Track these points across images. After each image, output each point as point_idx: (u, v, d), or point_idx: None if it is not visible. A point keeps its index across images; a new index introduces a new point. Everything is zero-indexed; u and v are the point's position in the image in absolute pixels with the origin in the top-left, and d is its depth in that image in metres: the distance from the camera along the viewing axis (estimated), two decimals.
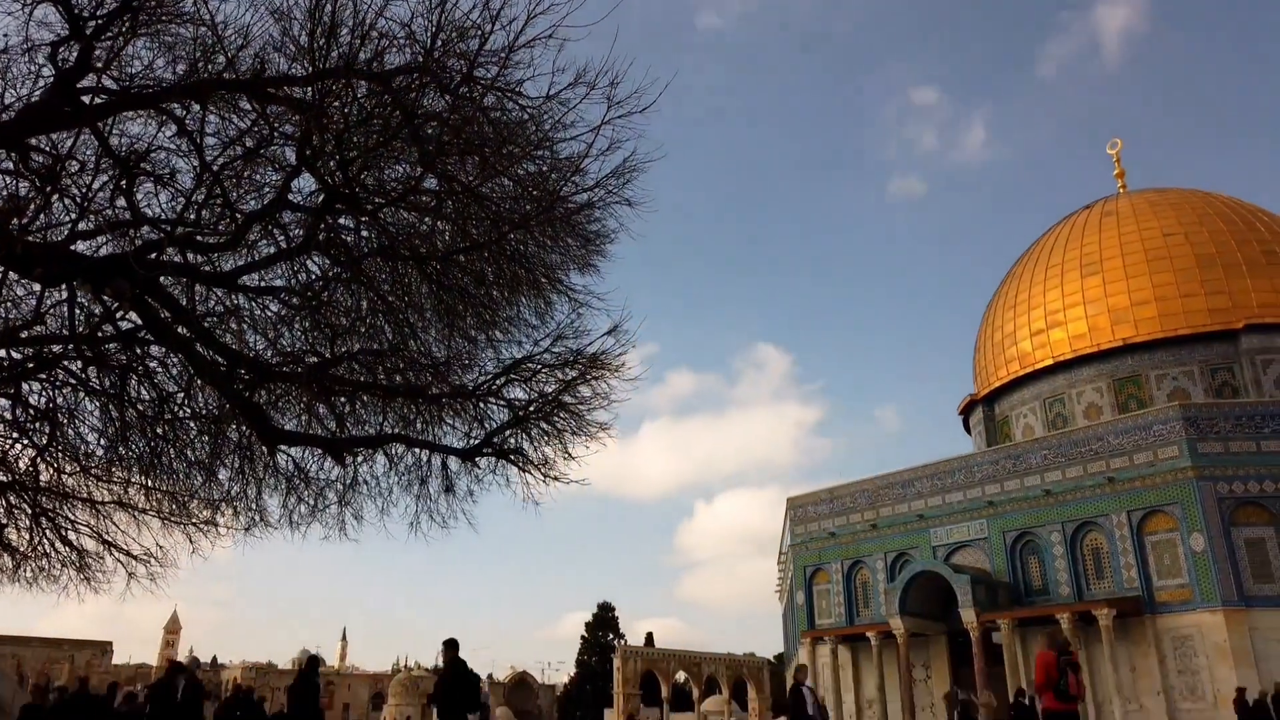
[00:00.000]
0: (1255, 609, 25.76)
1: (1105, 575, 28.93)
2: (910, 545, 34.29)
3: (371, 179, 7.91)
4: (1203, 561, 26.47)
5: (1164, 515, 27.80)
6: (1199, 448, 27.45)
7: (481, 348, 9.75)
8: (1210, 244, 36.83)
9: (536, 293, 9.31)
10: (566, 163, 7.97)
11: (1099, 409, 36.98)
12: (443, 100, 7.23)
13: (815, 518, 38.38)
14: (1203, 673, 25.91)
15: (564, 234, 8.80)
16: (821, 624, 37.12)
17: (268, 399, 9.42)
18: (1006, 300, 42.55)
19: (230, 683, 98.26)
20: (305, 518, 10.39)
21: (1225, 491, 26.93)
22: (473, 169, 7.68)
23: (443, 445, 9.96)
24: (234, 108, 7.79)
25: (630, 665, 59.85)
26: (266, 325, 9.08)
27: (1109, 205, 41.45)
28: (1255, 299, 35.43)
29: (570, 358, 9.53)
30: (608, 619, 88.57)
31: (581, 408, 9.82)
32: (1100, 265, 38.37)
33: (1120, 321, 36.97)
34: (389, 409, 9.77)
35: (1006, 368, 41.26)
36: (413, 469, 10.22)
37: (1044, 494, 30.66)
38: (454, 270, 8.56)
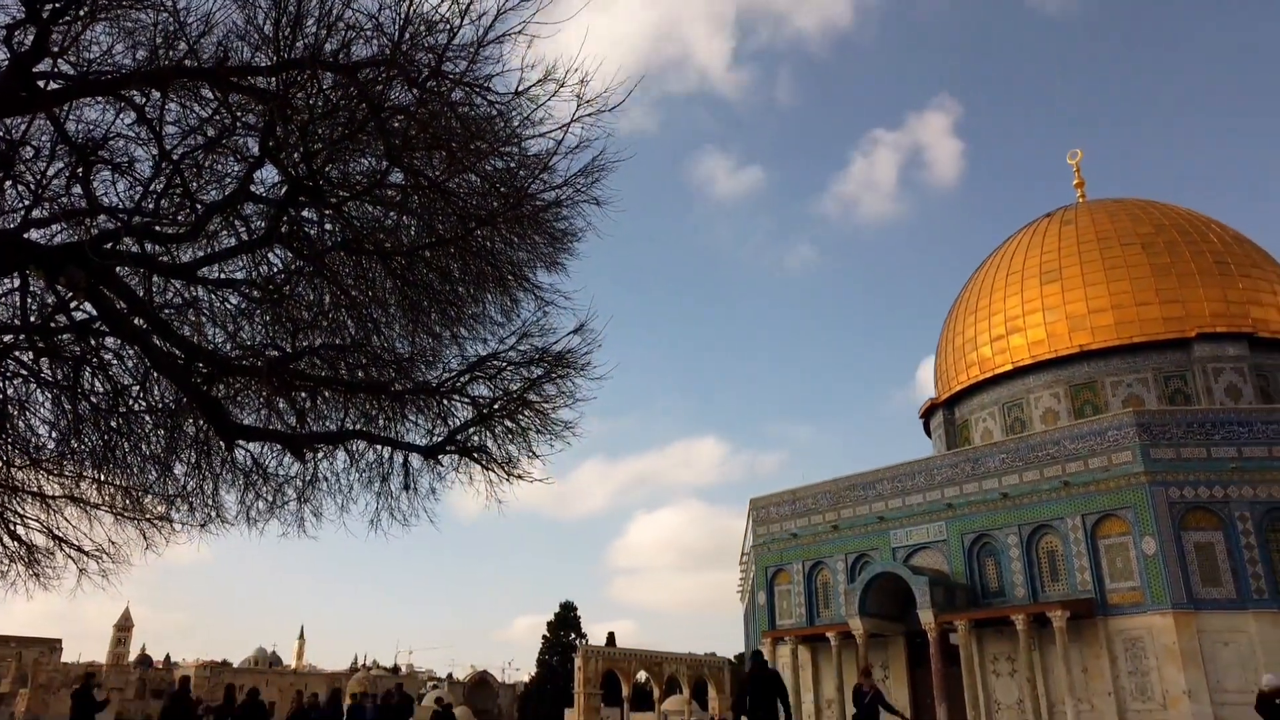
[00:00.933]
0: (1204, 611, 26.38)
1: (1060, 577, 29.46)
2: (871, 546, 34.64)
3: (336, 172, 7.82)
4: (1154, 564, 27.06)
5: (1117, 519, 28.37)
6: (1151, 453, 28.05)
7: (446, 344, 9.68)
8: (1165, 254, 37.66)
9: (502, 290, 9.26)
10: (535, 160, 7.94)
11: (1056, 414, 37.64)
12: (410, 94, 7.16)
13: (777, 519, 38.62)
14: (1152, 673, 26.48)
15: (531, 231, 8.76)
16: (782, 624, 37.37)
17: (226, 393, 9.28)
18: (968, 306, 43.15)
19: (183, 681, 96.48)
20: (263, 514, 10.24)
21: (1176, 496, 27.55)
22: (440, 164, 7.63)
23: (405, 442, 9.88)
24: (195, 96, 7.65)
25: (592, 665, 59.84)
26: (226, 318, 8.94)
27: (1068, 214, 42.20)
28: (1207, 309, 36.30)
29: (536, 356, 9.50)
30: (570, 619, 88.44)
31: (546, 406, 9.79)
32: (1059, 273, 39.06)
33: (1078, 329, 37.67)
34: (351, 405, 9.67)
35: (967, 372, 41.84)
36: (374, 466, 10.12)
37: (1001, 497, 31.15)
38: (419, 266, 8.50)
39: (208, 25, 7.00)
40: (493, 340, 9.62)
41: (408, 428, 10.04)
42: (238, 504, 10.22)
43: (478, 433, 9.85)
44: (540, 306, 9.28)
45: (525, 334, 9.39)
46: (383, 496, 10.16)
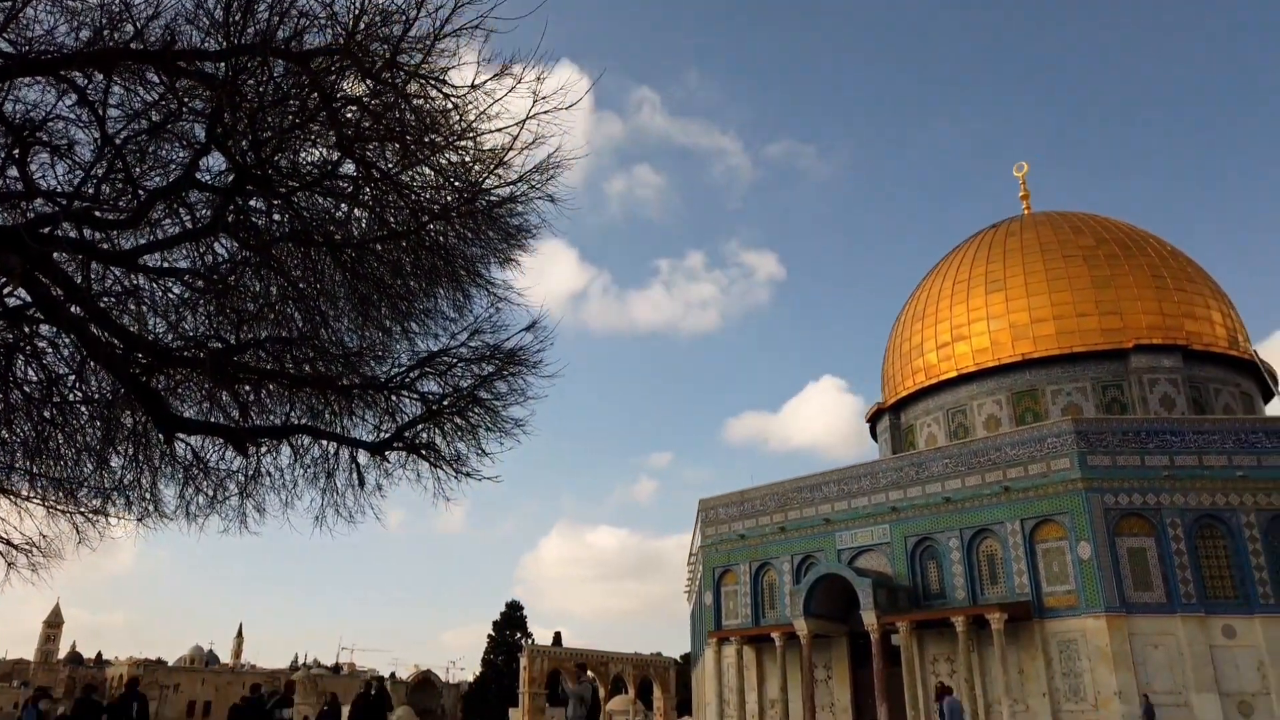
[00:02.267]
0: (1135, 615, 27.19)
1: (999, 580, 30.12)
2: (817, 548, 35.05)
3: (286, 161, 7.68)
4: (1088, 569, 27.81)
5: (1054, 524, 29.10)
6: (1088, 460, 28.83)
7: (396, 339, 9.56)
8: (1105, 266, 38.74)
9: (455, 285, 9.17)
10: (490, 154, 7.89)
11: (998, 420, 38.48)
12: (364, 85, 7.06)
13: (725, 520, 38.87)
14: (1085, 675, 27.22)
15: (485, 227, 8.69)
16: (728, 624, 37.62)
17: (166, 385, 9.05)
18: (915, 312, 43.90)
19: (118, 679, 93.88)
20: (203, 509, 10.01)
21: (1111, 503, 28.36)
22: (393, 156, 7.54)
23: (352, 438, 9.74)
24: (140, 80, 7.45)
25: (537, 664, 59.53)
26: (168, 308, 8.72)
27: (1013, 225, 43.19)
28: (1144, 321, 37.43)
29: (487, 352, 9.44)
30: (516, 618, 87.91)
31: (497, 403, 9.74)
32: (1004, 283, 39.95)
33: (1020, 337, 38.56)
34: (296, 399, 9.50)
35: (913, 378, 42.57)
36: (319, 461, 9.96)
37: (944, 501, 31.75)
38: (370, 259, 8.38)
39: (156, 8, 6.82)
40: (444, 336, 9.53)
41: (355, 423, 9.90)
42: (177, 498, 9.98)
43: (427, 429, 9.75)
44: (493, 303, 9.22)
45: (477, 330, 9.33)
46: (328, 493, 10.01)
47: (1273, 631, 26.52)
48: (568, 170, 8.17)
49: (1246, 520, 27.84)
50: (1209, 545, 27.93)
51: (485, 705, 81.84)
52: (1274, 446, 28.74)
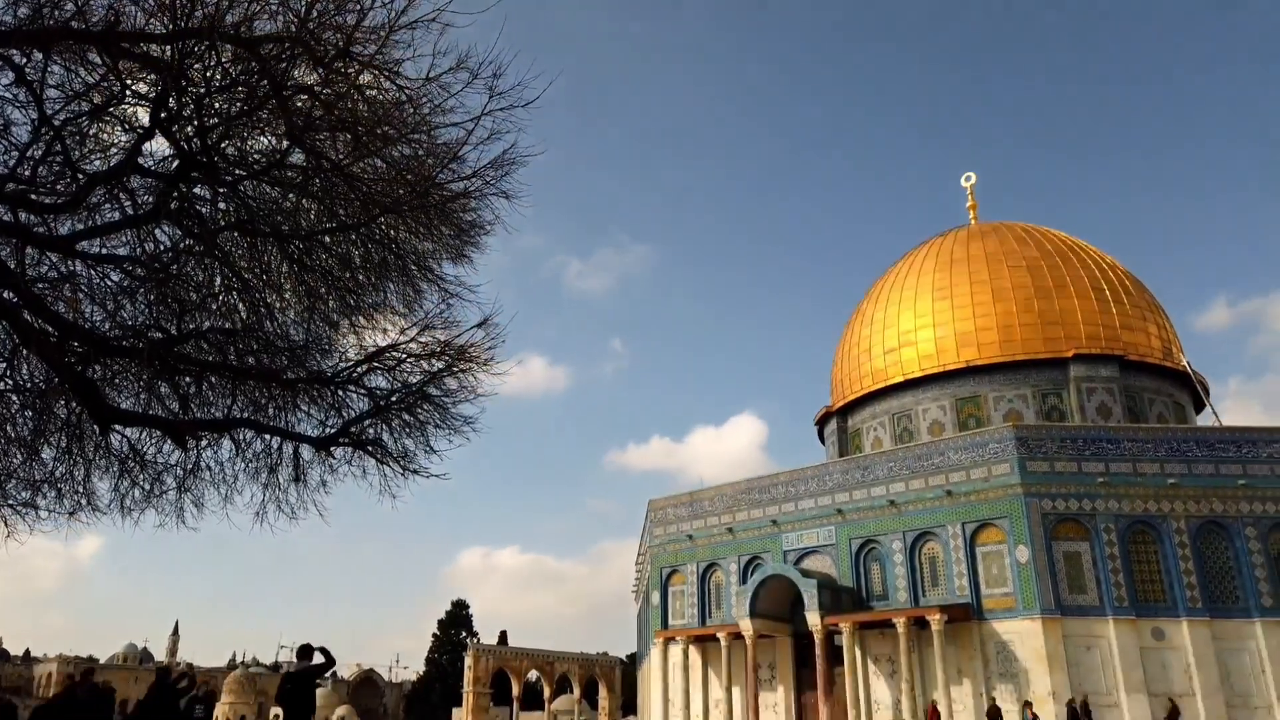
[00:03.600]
0: (1069, 617, 27.92)
1: (940, 583, 30.69)
2: (763, 549, 35.37)
3: (232, 149, 7.53)
4: (1026, 572, 28.49)
5: (994, 528, 29.76)
6: (1028, 466, 29.53)
7: (343, 333, 9.44)
8: (1048, 277, 39.73)
9: (405, 280, 9.08)
10: (444, 149, 7.82)
11: (942, 426, 39.22)
12: (315, 74, 6.95)
13: (675, 520, 39.02)
14: (1021, 676, 27.87)
15: (438, 222, 8.61)
16: (675, 624, 37.77)
17: (103, 374, 8.80)
18: (864, 318, 44.54)
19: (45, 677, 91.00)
20: (139, 503, 9.76)
21: (1049, 508, 29.08)
22: (344, 147, 7.43)
23: (296, 433, 9.58)
24: (82, 60, 7.23)
25: (482, 663, 59.23)
26: (106, 295, 8.48)
27: (961, 234, 44.06)
28: (1084, 331, 38.46)
29: (437, 349, 9.36)
30: (462, 617, 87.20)
31: (447, 400, 9.66)
32: (950, 291, 40.73)
33: (965, 345, 39.35)
34: (239, 392, 9.30)
35: (860, 383, 43.18)
36: (261, 456, 9.77)
37: (888, 504, 32.26)
38: (318, 251, 8.25)
39: None
40: (393, 331, 9.43)
41: (299, 418, 9.74)
42: (111, 491, 9.71)
43: (373, 425, 9.64)
44: (444, 299, 9.15)
45: (427, 326, 9.25)
46: (270, 488, 9.83)
47: (1199, 634, 27.44)
48: (524, 167, 8.14)
49: (1176, 526, 28.76)
50: (1141, 550, 28.80)
51: (428, 705, 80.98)
52: (1204, 455, 29.74)
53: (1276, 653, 27.21)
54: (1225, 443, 30.08)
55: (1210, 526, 28.95)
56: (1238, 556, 28.55)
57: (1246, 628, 27.67)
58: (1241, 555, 28.50)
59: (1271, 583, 28.17)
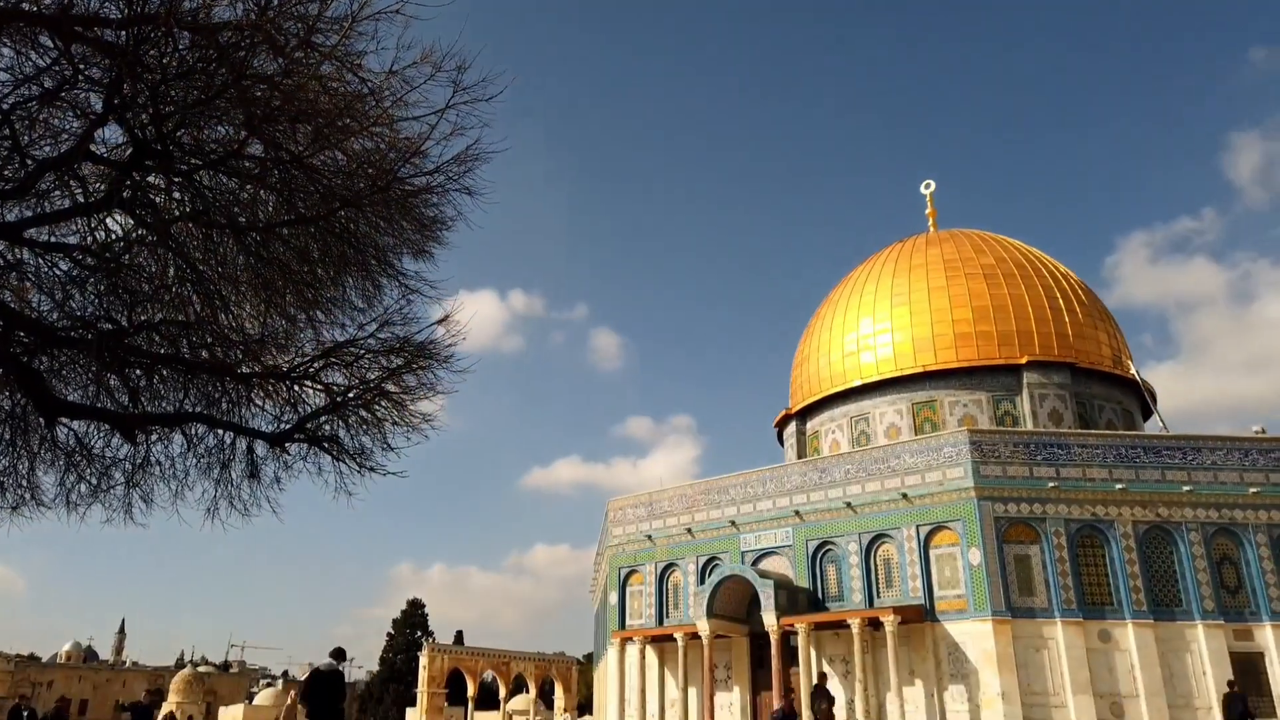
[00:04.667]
0: (1019, 619, 28.43)
1: (894, 584, 31.08)
2: (722, 550, 35.53)
3: (189, 138, 7.38)
4: (978, 574, 28.95)
5: (948, 531, 30.20)
6: (981, 470, 30.02)
7: (300, 327, 9.29)
8: (1003, 285, 40.45)
9: (365, 275, 8.97)
10: (406, 143, 7.75)
11: (898, 429, 39.73)
12: (276, 63, 6.84)
13: (634, 520, 39.05)
14: (971, 676, 28.32)
15: (399, 216, 8.53)
16: (632, 624, 37.80)
17: (50, 366, 8.58)
18: (825, 322, 44.97)
19: None
20: (85, 498, 9.53)
21: (1001, 511, 29.59)
22: (304, 139, 7.33)
23: (249, 428, 9.43)
24: (33, 43, 7.04)
25: (437, 663, 58.73)
26: (54, 285, 8.27)
27: (919, 241, 44.70)
28: (1037, 338, 39.22)
29: (397, 345, 9.27)
30: (417, 616, 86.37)
31: (405, 397, 9.58)
32: (908, 297, 41.29)
33: (922, 350, 39.91)
34: (191, 386, 9.13)
35: (819, 386, 43.58)
36: (214, 451, 9.60)
37: (845, 506, 32.59)
38: (275, 243, 8.13)
39: None
40: (351, 326, 9.32)
41: (253, 413, 9.59)
42: (57, 486, 9.48)
43: (330, 421, 9.52)
44: (404, 294, 9.07)
45: (387, 321, 9.16)
46: (222, 484, 9.67)
47: (1144, 636, 28.10)
48: (487, 163, 8.09)
49: (1123, 531, 29.43)
50: (1089, 554, 29.42)
51: (381, 705, 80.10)
52: (1151, 461, 30.47)
53: (1217, 655, 27.97)
54: (1171, 449, 30.86)
55: (1156, 531, 29.68)
56: (1182, 561, 29.30)
57: (1189, 630, 28.40)
58: (1185, 560, 29.25)
59: (1213, 587, 28.96)
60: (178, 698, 69.70)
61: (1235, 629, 28.59)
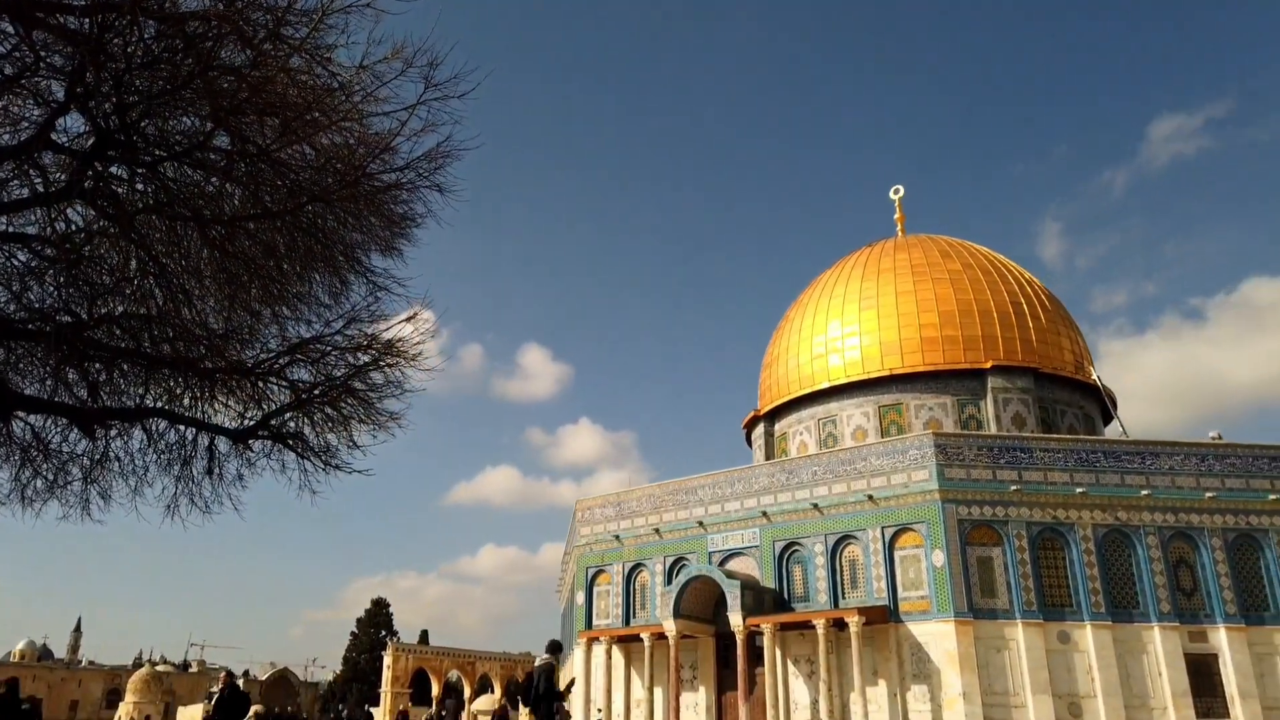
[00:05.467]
0: (981, 620, 28.81)
1: (859, 585, 31.35)
2: (689, 550, 35.63)
3: (153, 128, 7.26)
4: (941, 576, 29.29)
5: (913, 532, 30.53)
6: (946, 473, 30.38)
7: (266, 323, 9.18)
8: (969, 291, 40.97)
9: (332, 271, 8.89)
10: (376, 138, 7.69)
11: (865, 431, 40.08)
12: (244, 55, 6.75)
13: (602, 520, 39.03)
14: (934, 677, 28.65)
15: (368, 212, 8.46)
16: (599, 624, 37.77)
17: (6, 358, 8.40)
18: (793, 324, 45.26)
19: None
20: (41, 494, 9.34)
21: (964, 514, 29.96)
22: (272, 132, 7.24)
23: (212, 424, 9.30)
24: None
25: (401, 663, 58.30)
26: (12, 276, 8.10)
27: (888, 245, 45.15)
28: (1002, 343, 39.77)
29: (364, 342, 9.20)
30: (382, 615, 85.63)
31: (372, 395, 9.50)
32: (876, 301, 41.69)
33: (889, 353, 40.30)
34: (153, 380, 8.99)
35: (788, 388, 43.86)
36: (175, 447, 9.46)
37: (812, 507, 32.82)
38: (241, 237, 8.01)
39: None
40: (318, 323, 9.23)
41: (216, 409, 9.46)
42: (11, 481, 9.28)
43: (295, 418, 9.42)
44: (372, 291, 8.99)
45: (354, 318, 9.08)
46: (183, 481, 9.53)
47: (1101, 637, 28.60)
48: (458, 160, 8.05)
49: (1083, 534, 29.93)
50: (1049, 556, 29.89)
51: (345, 704, 79.24)
52: (1110, 466, 31.01)
53: (1173, 656, 28.53)
54: (1130, 454, 31.43)
55: (1114, 534, 30.21)
56: (1139, 564, 29.85)
57: (1146, 632, 28.95)
58: (1143, 562, 29.80)
59: (1169, 589, 29.53)
60: (135, 697, 68.49)
61: (1190, 631, 29.19)
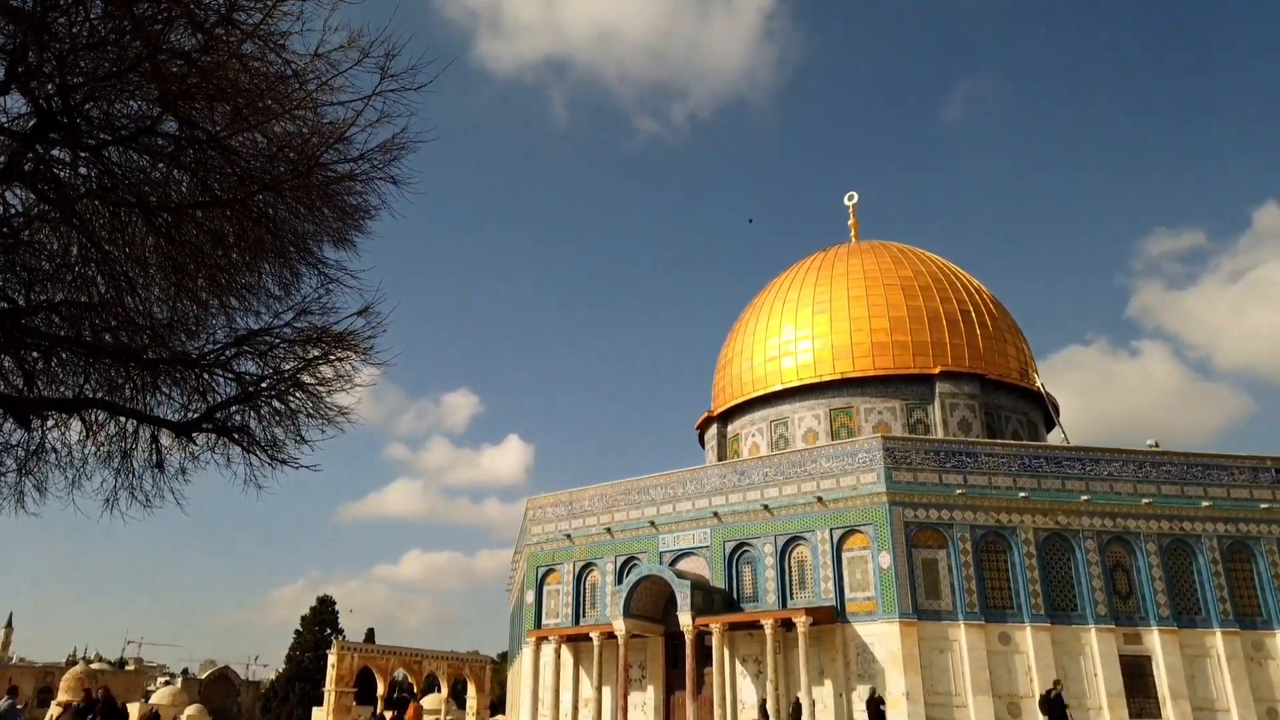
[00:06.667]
0: (925, 621, 29.32)
1: (807, 586, 31.69)
2: (640, 550, 35.69)
3: (98, 111, 7.06)
4: (887, 577, 29.75)
5: (860, 534, 30.96)
6: (893, 476, 30.86)
7: (213, 314, 8.98)
8: (919, 297, 41.68)
9: (283, 262, 8.72)
10: (330, 128, 7.57)
11: (816, 434, 40.54)
12: (194, 38, 6.60)
13: (553, 519, 38.92)
14: (878, 677, 29.08)
15: (320, 203, 8.32)
16: (549, 624, 37.66)
17: None
18: (748, 327, 45.61)
19: None
20: None
21: (910, 516, 30.47)
22: (222, 119, 7.08)
23: (154, 416, 9.06)
24: None
25: (346, 661, 57.43)
26: None
27: (841, 250, 45.74)
28: (950, 349, 40.53)
29: (314, 335, 9.04)
30: (328, 613, 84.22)
31: (321, 389, 9.33)
32: (829, 305, 42.20)
33: (840, 357, 40.83)
34: (93, 370, 8.73)
35: (741, 389, 44.18)
36: (115, 439, 9.20)
37: (763, 508, 33.10)
38: (188, 225, 7.83)
39: None
40: (266, 314, 9.04)
41: (159, 400, 9.21)
42: None
43: (241, 412, 9.22)
44: (323, 283, 8.84)
45: (304, 310, 8.92)
46: (123, 474, 9.27)
47: (1040, 639, 29.29)
48: (414, 152, 7.97)
49: (1025, 538, 30.63)
50: (992, 559, 30.52)
51: (287, 704, 77.89)
52: (1052, 471, 31.78)
53: (1108, 657, 29.33)
54: (1071, 460, 32.24)
55: (1055, 538, 30.95)
56: (1078, 567, 30.63)
57: (1083, 634, 29.71)
58: (1081, 566, 30.59)
59: (1106, 592, 30.35)
60: (66, 697, 66.52)
61: (1125, 633, 30.04)
